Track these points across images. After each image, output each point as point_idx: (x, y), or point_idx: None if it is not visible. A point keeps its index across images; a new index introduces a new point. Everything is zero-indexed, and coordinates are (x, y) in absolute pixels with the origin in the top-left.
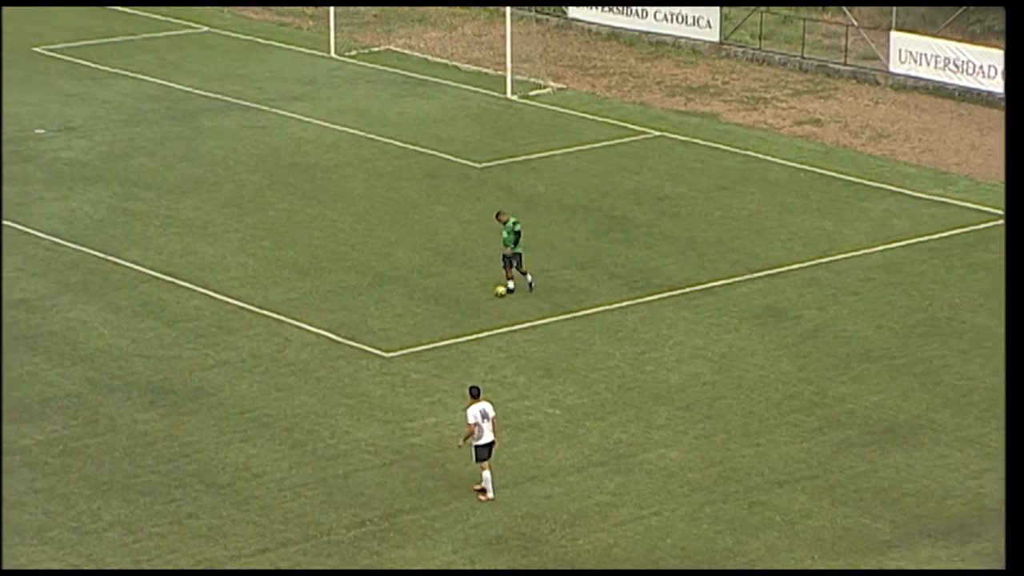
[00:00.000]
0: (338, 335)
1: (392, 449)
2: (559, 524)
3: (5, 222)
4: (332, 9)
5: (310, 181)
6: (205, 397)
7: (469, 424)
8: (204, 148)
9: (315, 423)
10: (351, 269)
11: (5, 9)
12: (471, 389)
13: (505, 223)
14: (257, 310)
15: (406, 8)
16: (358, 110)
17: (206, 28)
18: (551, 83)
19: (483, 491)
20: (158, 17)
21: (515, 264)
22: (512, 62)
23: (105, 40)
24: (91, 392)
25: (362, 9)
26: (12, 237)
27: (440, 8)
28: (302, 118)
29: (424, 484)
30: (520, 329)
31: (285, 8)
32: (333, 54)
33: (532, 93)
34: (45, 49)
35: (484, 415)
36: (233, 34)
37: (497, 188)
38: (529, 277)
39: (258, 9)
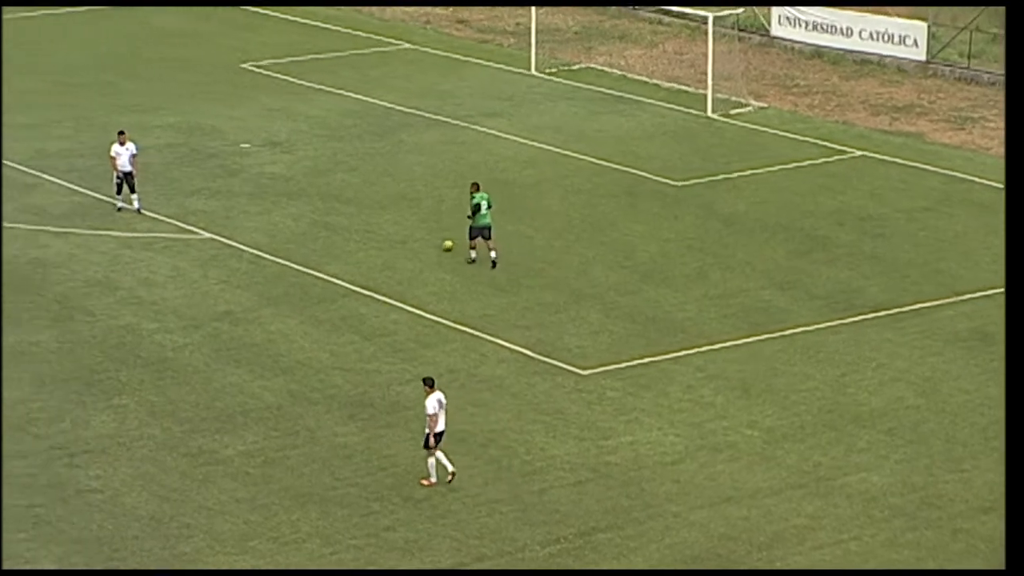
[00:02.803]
0: (534, 352)
1: (587, 467)
2: (756, 546)
3: (210, 235)
4: (533, 26)
5: (508, 197)
6: (403, 411)
7: (429, 415)
8: (404, 164)
9: (511, 439)
10: (548, 286)
11: (215, 26)
12: (425, 380)
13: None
14: (454, 325)
15: (607, 25)
16: (557, 127)
17: (408, 45)
18: (753, 101)
19: (428, 478)
20: (360, 34)
21: (481, 235)
22: (713, 80)
23: (310, 56)
24: (291, 404)
25: (563, 26)
26: (216, 250)
27: (641, 25)
28: (501, 134)
29: (620, 502)
30: (719, 348)
31: (486, 25)
32: (533, 71)
33: (733, 111)
34: (252, 65)
35: (440, 404)
36: (434, 51)
37: (696, 206)
38: (493, 254)
39: (459, 26)
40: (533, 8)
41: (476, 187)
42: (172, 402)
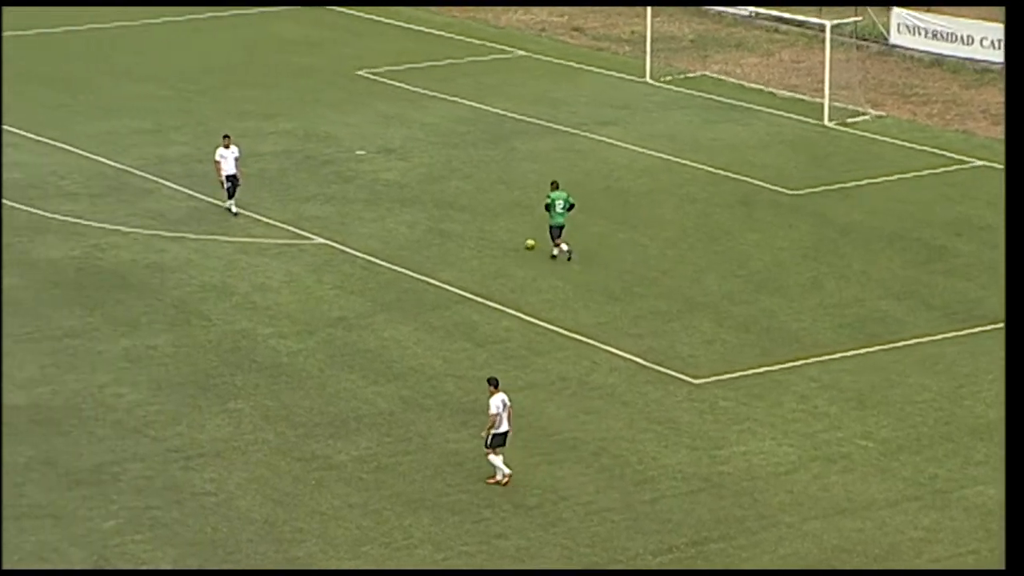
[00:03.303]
0: (647, 360)
1: (700, 476)
2: (871, 558)
3: (324, 241)
4: (648, 34)
5: (622, 205)
6: (514, 418)
7: (492, 414)
8: (518, 171)
9: (622, 448)
10: (661, 294)
11: (332, 34)
12: (490, 380)
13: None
14: (567, 333)
15: (723, 33)
16: (671, 135)
17: (523, 52)
18: (870, 110)
19: (493, 476)
20: (475, 41)
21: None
22: (830, 89)
23: (425, 64)
24: (404, 410)
25: (679, 34)
26: (331, 256)
27: (758, 33)
28: (615, 142)
29: (732, 513)
30: (833, 359)
31: (601, 33)
32: (648, 79)
33: (850, 120)
34: (368, 72)
35: (504, 404)
36: (549, 58)
37: (811, 215)
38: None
39: (575, 34)
40: (649, 16)
41: (555, 185)
42: (286, 407)
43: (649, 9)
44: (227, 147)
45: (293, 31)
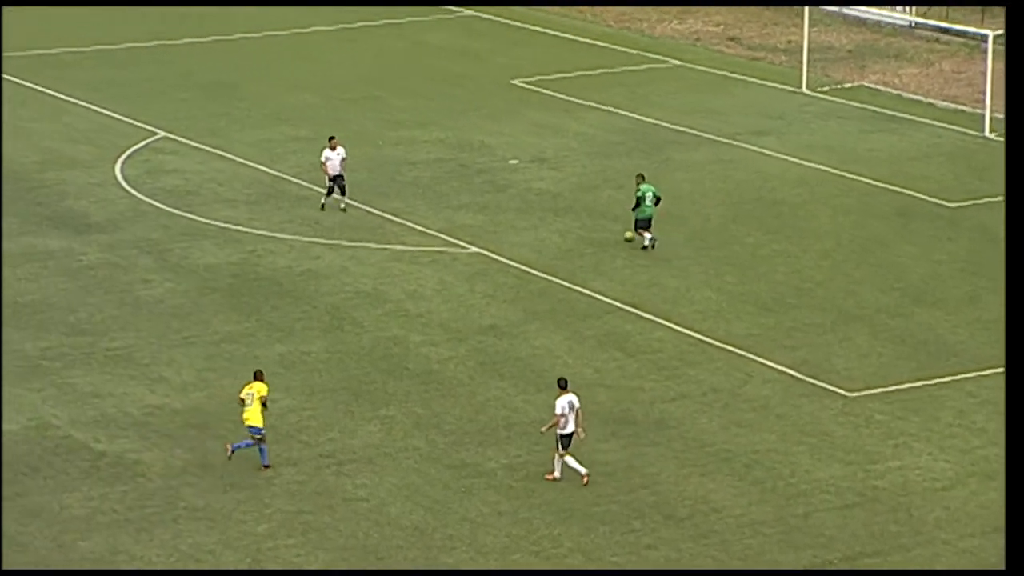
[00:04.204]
0: (800, 372)
1: (854, 491)
2: None
3: (477, 249)
4: (805, 44)
5: (776, 216)
6: (666, 429)
7: (556, 415)
8: (671, 181)
9: (775, 460)
10: (815, 306)
11: (486, 43)
12: (559, 381)
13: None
14: (719, 344)
15: (882, 44)
16: (827, 146)
17: (677, 62)
18: None
19: (552, 473)
20: (630, 51)
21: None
22: (992, 99)
23: (579, 73)
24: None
25: (836, 44)
26: (484, 264)
27: (917, 44)
28: (770, 153)
29: (887, 528)
30: (992, 374)
31: (757, 43)
32: (804, 89)
33: None
34: (522, 82)
35: (571, 406)
36: (704, 68)
37: (971, 228)
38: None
39: (730, 43)
40: (806, 26)
41: (641, 178)
42: (437, 414)
43: (807, 19)
44: (333, 148)
45: (447, 40)
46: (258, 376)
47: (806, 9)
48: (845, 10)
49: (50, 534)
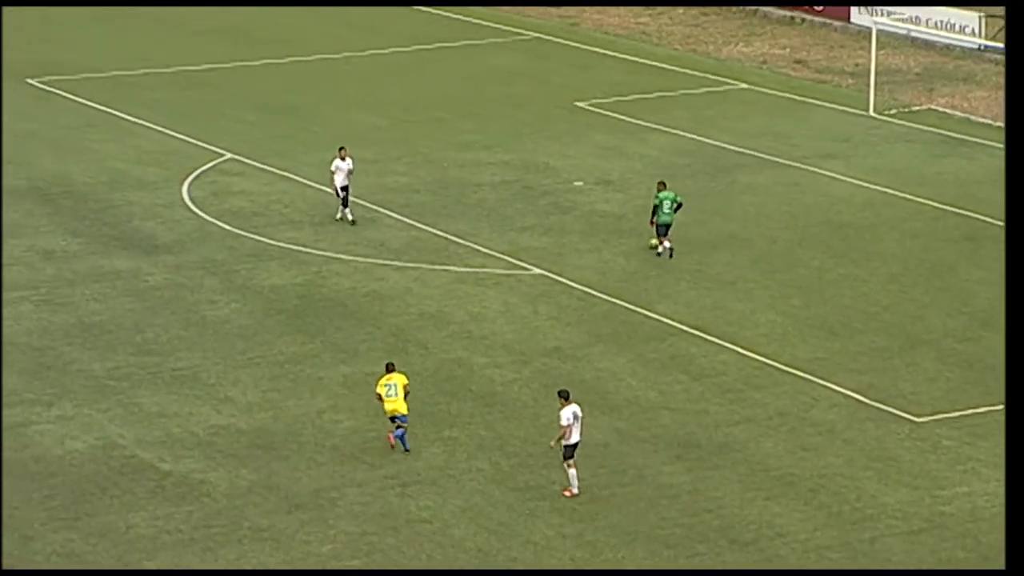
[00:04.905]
0: (867, 397)
1: (921, 516)
2: None
3: (541, 271)
4: (872, 67)
5: (842, 239)
6: (730, 453)
7: (563, 426)
8: (737, 204)
9: (841, 485)
10: (882, 330)
11: (550, 65)
12: (560, 392)
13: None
14: (784, 368)
15: (951, 67)
16: (895, 169)
17: (744, 85)
18: None
19: (568, 488)
20: (695, 73)
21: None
22: None
23: (644, 95)
24: (619, 442)
25: (904, 67)
26: (548, 286)
27: (987, 67)
28: (836, 176)
29: (955, 554)
30: None
31: (824, 65)
32: (872, 112)
33: None
34: (587, 104)
35: (576, 417)
36: (770, 91)
37: None
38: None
39: (796, 66)
40: (873, 49)
41: (662, 185)
42: (500, 436)
43: (874, 41)
44: (343, 159)
45: (512, 63)
46: (391, 368)
47: (873, 31)
48: (913, 32)
49: (116, 554)
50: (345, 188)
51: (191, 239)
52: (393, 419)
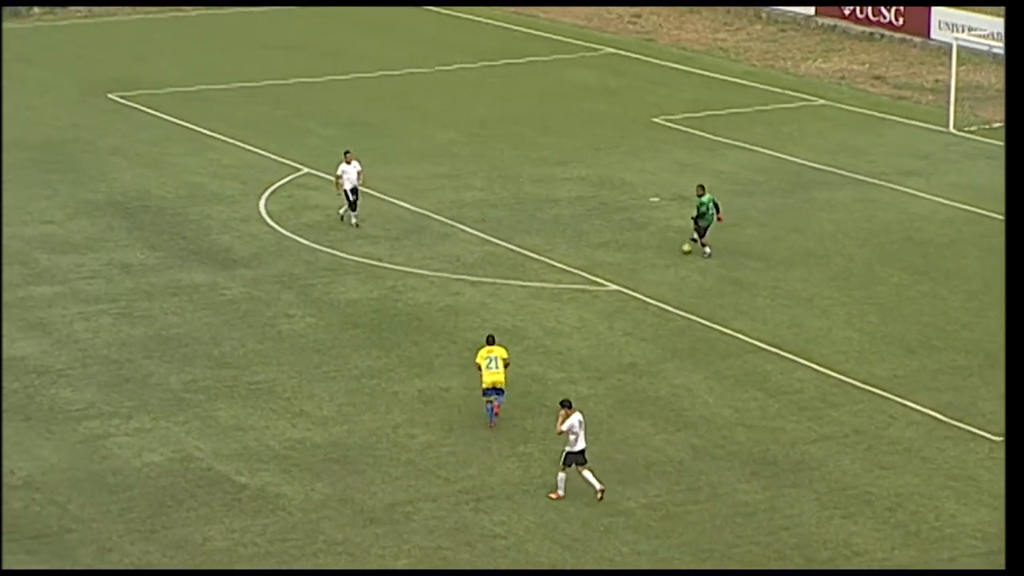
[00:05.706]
0: (945, 415)
1: (1001, 536)
2: None
3: (617, 287)
4: (952, 83)
5: (922, 257)
6: (807, 471)
7: (563, 430)
8: (814, 220)
9: (919, 504)
10: (961, 348)
11: (628, 81)
12: (562, 402)
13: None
14: (862, 385)
15: None
16: (975, 186)
17: (822, 101)
18: None
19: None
20: (774, 89)
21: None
22: None
23: (722, 111)
24: (694, 459)
25: (985, 83)
26: (623, 302)
27: None
28: (916, 193)
29: None
30: None
31: (903, 81)
32: (952, 129)
33: None
34: (664, 120)
35: (580, 423)
36: (849, 107)
37: None
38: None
39: (875, 82)
40: (953, 65)
41: (702, 190)
42: None
43: (954, 57)
44: (348, 163)
45: (589, 78)
46: (491, 340)
47: (954, 47)
48: (994, 48)
49: (192, 565)
50: (355, 191)
51: (268, 253)
52: (486, 392)
